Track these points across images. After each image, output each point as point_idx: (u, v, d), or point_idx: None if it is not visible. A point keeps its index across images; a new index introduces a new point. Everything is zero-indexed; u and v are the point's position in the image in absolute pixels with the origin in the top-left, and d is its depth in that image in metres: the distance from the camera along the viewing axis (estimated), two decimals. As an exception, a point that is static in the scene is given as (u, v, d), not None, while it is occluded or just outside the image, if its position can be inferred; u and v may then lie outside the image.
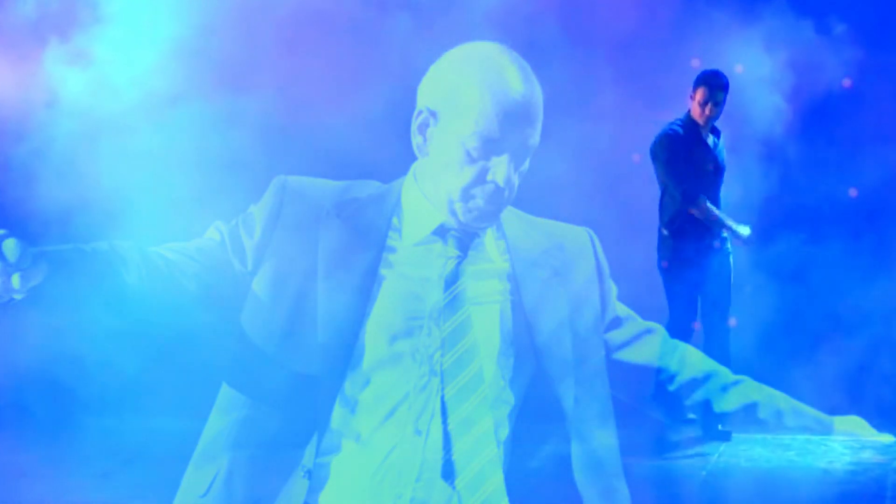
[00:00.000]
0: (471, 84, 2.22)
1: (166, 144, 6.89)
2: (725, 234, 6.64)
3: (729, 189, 6.89)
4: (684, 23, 7.99)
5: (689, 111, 6.58)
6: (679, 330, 6.42)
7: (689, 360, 2.51)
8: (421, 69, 2.33)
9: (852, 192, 8.11)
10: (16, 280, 1.94)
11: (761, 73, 7.86)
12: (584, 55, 7.77)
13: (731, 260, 6.66)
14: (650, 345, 2.49)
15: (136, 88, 7.01)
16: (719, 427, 6.59)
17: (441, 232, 2.31)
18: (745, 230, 6.58)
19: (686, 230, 6.53)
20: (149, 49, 7.06)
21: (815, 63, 7.97)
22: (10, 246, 1.92)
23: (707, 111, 6.49)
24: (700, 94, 6.51)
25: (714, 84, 6.51)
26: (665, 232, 6.58)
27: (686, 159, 6.50)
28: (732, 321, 6.87)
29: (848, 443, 6.36)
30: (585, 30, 7.85)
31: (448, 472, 2.24)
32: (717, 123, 6.71)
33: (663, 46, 7.91)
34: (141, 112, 6.95)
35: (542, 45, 7.04)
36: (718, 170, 6.61)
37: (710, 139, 6.62)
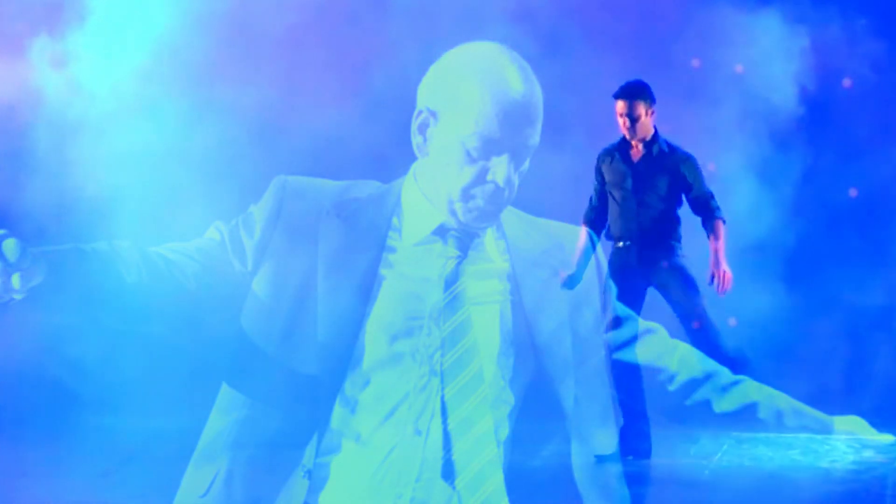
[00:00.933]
0: (471, 84, 2.23)
1: (153, 142, 6.87)
2: (682, 253, 6.47)
3: (734, 187, 6.84)
4: (686, 20, 7.98)
5: None
6: None
7: (689, 361, 2.51)
8: (422, 68, 2.33)
9: (852, 193, 8.11)
10: (16, 280, 1.94)
11: (773, 66, 7.83)
12: (585, 53, 7.76)
13: (686, 266, 6.50)
14: (650, 345, 2.49)
15: (121, 88, 6.98)
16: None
17: (441, 232, 2.31)
18: None
19: (621, 263, 6.41)
20: (136, 46, 7.02)
21: (829, 56, 7.94)
22: (10, 246, 1.92)
23: (624, 124, 6.41)
24: (616, 107, 6.43)
25: (623, 96, 6.41)
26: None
27: (600, 176, 6.48)
28: (732, 321, 6.85)
29: (850, 442, 6.37)
30: (586, 27, 7.85)
31: (448, 472, 2.25)
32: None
33: (666, 44, 7.90)
34: (126, 111, 6.92)
35: (542, 44, 7.03)
36: (636, 188, 6.45)
37: (639, 155, 6.46)
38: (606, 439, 2.35)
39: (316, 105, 7.23)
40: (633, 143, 6.43)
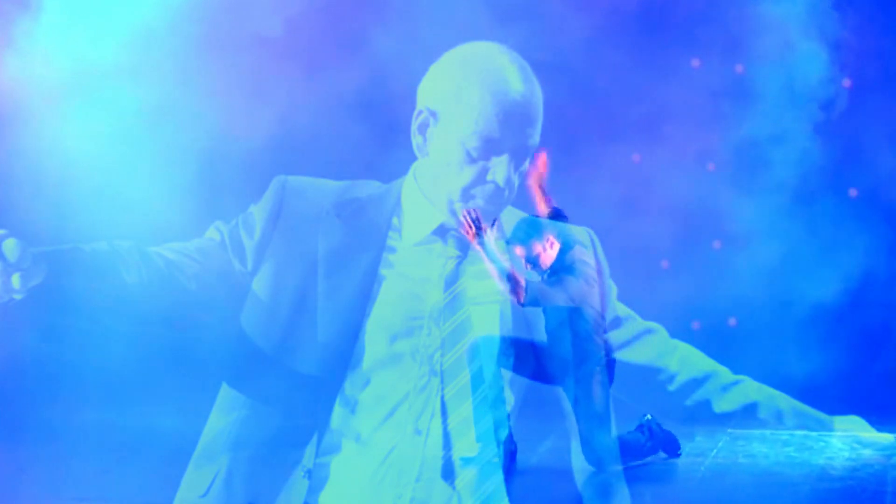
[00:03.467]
0: (471, 84, 2.23)
1: (145, 141, 6.81)
2: None
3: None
4: (685, 18, 7.96)
5: None
6: None
7: (689, 360, 2.51)
8: (422, 67, 2.34)
9: (852, 193, 8.10)
10: (16, 280, 1.95)
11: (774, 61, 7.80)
12: (586, 52, 7.75)
13: None
14: (650, 345, 2.49)
15: (97, 80, 6.89)
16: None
17: (441, 232, 2.31)
18: None
19: None
20: (119, 38, 6.91)
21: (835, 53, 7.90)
22: (10, 246, 1.93)
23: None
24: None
25: None
26: None
27: None
28: (732, 321, 6.85)
29: (847, 440, 6.36)
30: (588, 28, 7.83)
31: (448, 472, 2.25)
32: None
33: (668, 43, 7.87)
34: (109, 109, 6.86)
35: (543, 43, 7.02)
36: None
37: None
38: (606, 439, 2.35)
39: (314, 104, 7.21)
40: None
